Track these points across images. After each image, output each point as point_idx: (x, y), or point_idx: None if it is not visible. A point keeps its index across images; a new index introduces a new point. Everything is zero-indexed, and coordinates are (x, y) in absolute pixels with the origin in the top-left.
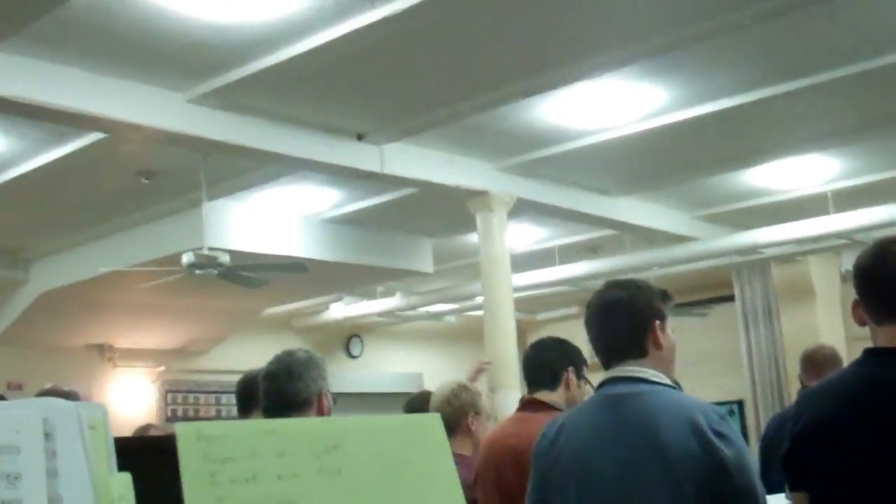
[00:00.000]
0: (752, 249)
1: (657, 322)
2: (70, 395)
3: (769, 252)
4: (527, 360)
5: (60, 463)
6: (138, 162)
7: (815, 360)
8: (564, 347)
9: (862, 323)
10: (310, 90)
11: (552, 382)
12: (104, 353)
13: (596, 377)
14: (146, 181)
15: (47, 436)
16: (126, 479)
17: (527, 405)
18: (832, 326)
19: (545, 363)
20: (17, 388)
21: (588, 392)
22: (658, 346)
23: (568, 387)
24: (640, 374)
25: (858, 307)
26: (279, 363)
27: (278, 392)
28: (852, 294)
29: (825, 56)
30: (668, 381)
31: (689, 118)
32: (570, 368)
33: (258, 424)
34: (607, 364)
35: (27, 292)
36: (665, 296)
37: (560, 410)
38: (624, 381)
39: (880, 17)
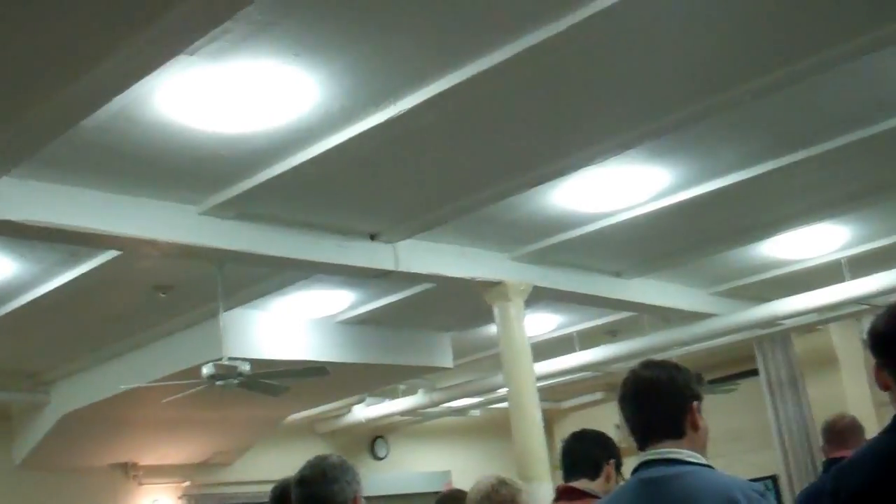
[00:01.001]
0: (772, 321)
1: (695, 403)
2: None
3: (789, 323)
4: (568, 450)
5: None
6: (154, 277)
7: (837, 430)
8: (606, 440)
9: (886, 387)
10: (320, 194)
11: (594, 472)
12: (128, 471)
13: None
14: (163, 295)
15: None
16: None
17: (564, 493)
18: (859, 393)
19: (588, 453)
20: None
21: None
22: (695, 427)
23: (608, 479)
24: (676, 456)
25: (882, 371)
26: (313, 468)
27: (314, 497)
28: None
29: (827, 125)
30: (705, 461)
31: (697, 196)
32: (612, 461)
33: None
34: (643, 445)
35: (48, 415)
36: (700, 378)
37: (598, 498)
38: (661, 463)
39: (882, 83)
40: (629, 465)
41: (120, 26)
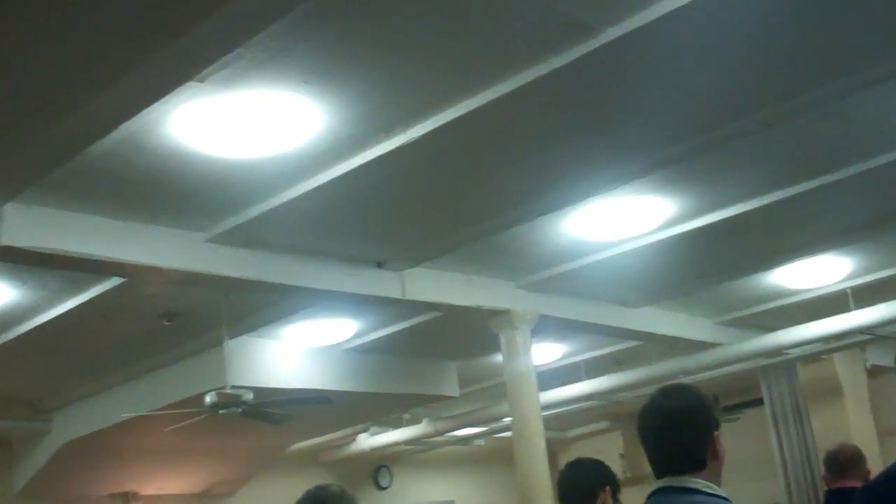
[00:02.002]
0: (777, 351)
1: (716, 433)
2: None
3: (794, 352)
4: (563, 480)
5: None
6: (159, 304)
7: (839, 460)
8: (600, 467)
9: None
10: (327, 222)
11: (589, 500)
12: (129, 501)
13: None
14: (167, 323)
15: None
16: None
17: None
18: (862, 423)
19: (582, 482)
20: None
21: None
22: (716, 457)
23: None
24: (694, 486)
25: None
26: (312, 498)
27: None
28: (880, 389)
29: (833, 156)
30: (722, 493)
31: (703, 226)
32: (607, 488)
33: None
34: (661, 476)
35: (49, 443)
36: (717, 400)
37: None
38: (676, 490)
39: (888, 116)
40: (631, 494)
41: (130, 52)
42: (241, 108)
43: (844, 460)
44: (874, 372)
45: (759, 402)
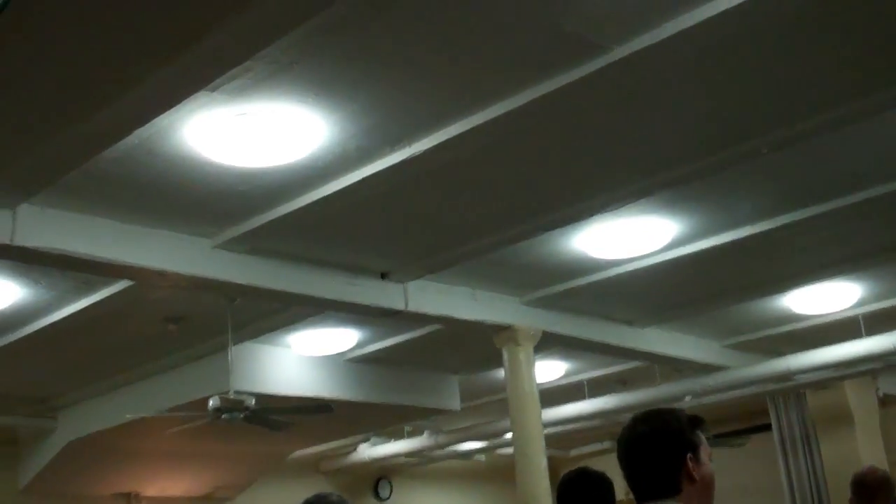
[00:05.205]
0: (786, 376)
1: (689, 455)
2: None
3: (803, 378)
4: (564, 493)
5: None
6: (165, 308)
7: (867, 484)
8: (605, 482)
9: None
10: (334, 232)
11: None
12: (131, 501)
13: None
14: (173, 327)
15: None
16: None
17: None
18: (873, 452)
19: (584, 496)
20: None
21: None
22: (692, 480)
23: None
24: None
25: None
26: None
27: None
28: (892, 418)
29: (843, 181)
30: None
31: (711, 247)
32: None
33: None
34: (641, 502)
35: (54, 441)
36: (696, 422)
37: None
38: None
39: None
40: None
41: (144, 61)
42: (251, 118)
43: (874, 484)
44: (886, 400)
45: (767, 427)
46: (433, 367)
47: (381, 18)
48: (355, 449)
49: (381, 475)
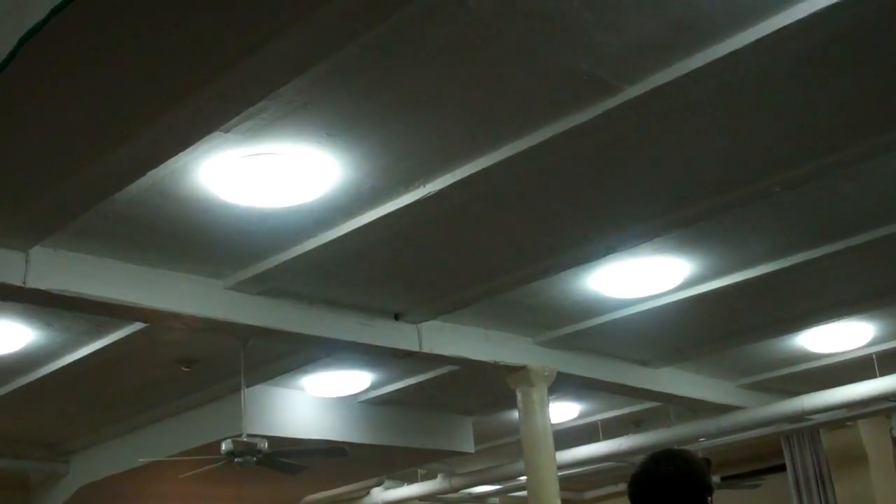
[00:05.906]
0: (800, 416)
1: (709, 499)
2: None
3: (818, 418)
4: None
5: None
6: (178, 350)
7: None
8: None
9: None
10: (347, 273)
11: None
12: None
13: None
14: (186, 369)
15: None
16: None
17: None
18: (888, 492)
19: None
20: None
21: None
22: None
23: None
24: None
25: None
26: None
27: None
28: None
29: (856, 219)
30: None
31: (725, 286)
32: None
33: None
34: None
35: (66, 485)
36: (709, 465)
37: None
38: None
39: None
40: None
41: (156, 102)
42: (264, 159)
43: None
44: None
45: (782, 468)
46: (447, 409)
47: (394, 59)
48: (368, 493)
49: None
